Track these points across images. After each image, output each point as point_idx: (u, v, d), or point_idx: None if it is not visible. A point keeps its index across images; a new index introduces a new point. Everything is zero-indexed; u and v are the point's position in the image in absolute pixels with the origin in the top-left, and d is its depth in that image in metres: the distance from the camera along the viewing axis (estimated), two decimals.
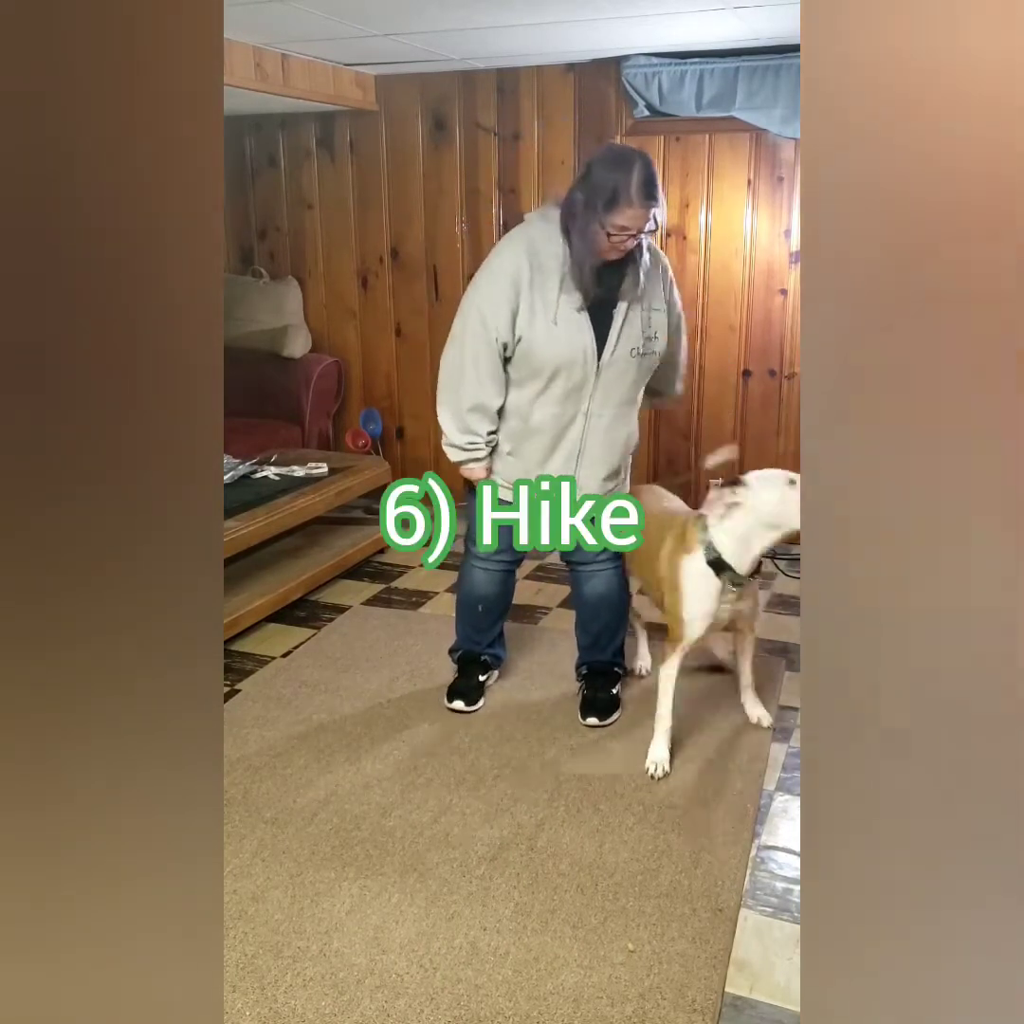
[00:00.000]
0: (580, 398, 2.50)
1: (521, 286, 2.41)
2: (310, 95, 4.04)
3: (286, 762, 2.65)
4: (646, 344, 2.50)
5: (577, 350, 2.43)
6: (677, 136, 4.16)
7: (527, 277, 2.41)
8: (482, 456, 2.60)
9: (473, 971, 1.91)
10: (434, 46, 3.80)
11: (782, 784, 2.56)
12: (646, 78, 3.98)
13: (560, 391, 2.49)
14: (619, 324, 2.44)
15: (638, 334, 2.47)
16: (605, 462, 2.63)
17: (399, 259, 4.73)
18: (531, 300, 2.41)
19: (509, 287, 2.41)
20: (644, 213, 2.28)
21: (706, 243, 4.25)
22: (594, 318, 2.43)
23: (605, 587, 2.81)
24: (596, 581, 2.80)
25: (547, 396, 2.51)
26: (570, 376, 2.46)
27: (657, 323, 2.51)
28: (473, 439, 2.57)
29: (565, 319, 2.41)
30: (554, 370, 2.46)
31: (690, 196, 4.22)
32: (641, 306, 2.46)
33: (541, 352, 2.44)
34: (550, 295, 2.40)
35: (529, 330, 2.42)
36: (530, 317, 2.42)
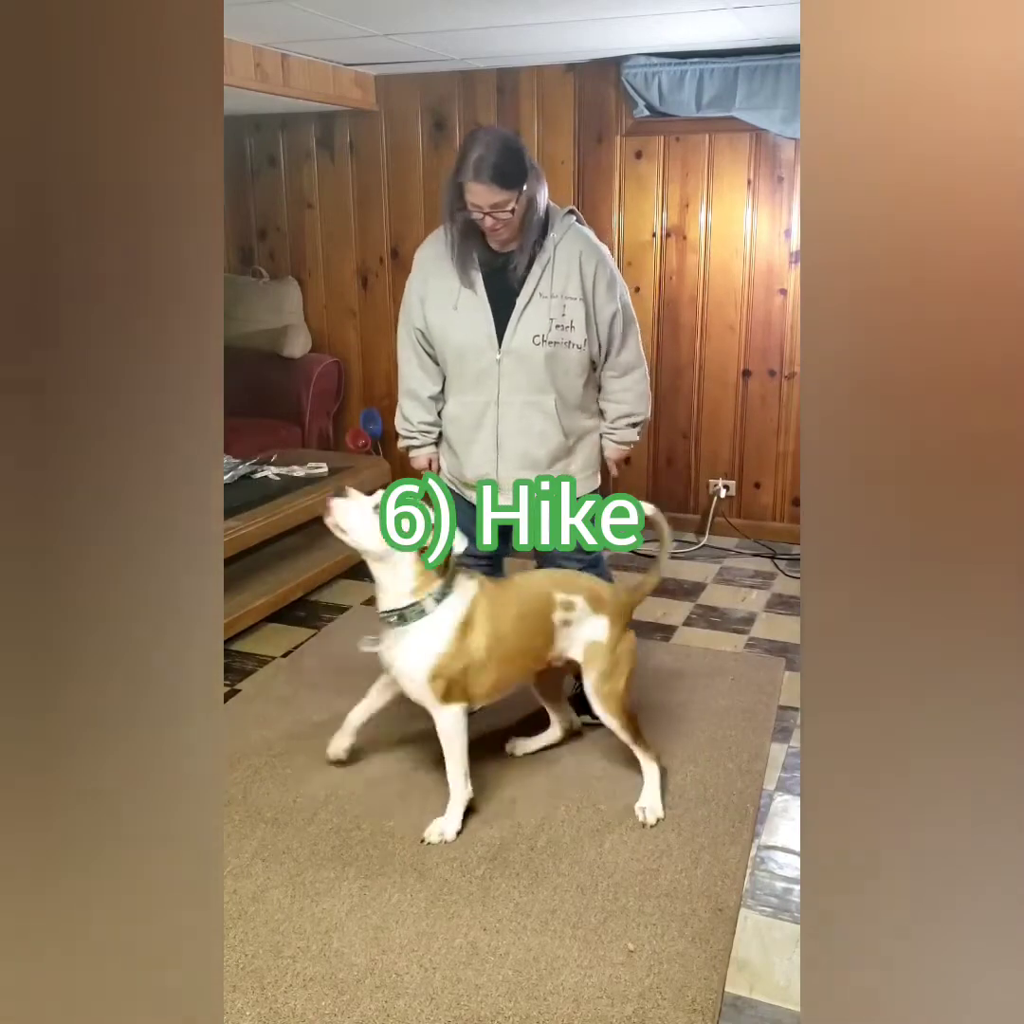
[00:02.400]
0: (488, 386, 2.53)
1: (428, 274, 2.53)
2: (310, 95, 4.04)
3: (286, 762, 2.65)
4: (557, 333, 2.45)
5: (479, 335, 2.48)
6: (677, 136, 4.16)
7: (432, 266, 2.53)
8: (418, 444, 2.68)
9: (473, 971, 1.91)
10: (434, 46, 3.80)
11: (782, 784, 2.56)
12: (646, 78, 3.98)
13: (469, 379, 2.55)
14: (520, 309, 2.45)
15: (544, 322, 2.44)
16: (525, 456, 2.58)
17: (399, 259, 4.73)
18: (435, 287, 2.51)
19: (419, 276, 2.56)
20: (487, 191, 2.28)
21: (706, 243, 4.25)
22: (498, 305, 2.47)
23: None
24: None
25: (459, 384, 2.58)
26: (476, 362, 2.51)
27: (573, 313, 2.45)
28: (407, 425, 2.67)
29: (465, 305, 2.48)
30: (459, 356, 2.53)
31: (690, 196, 4.22)
32: (551, 293, 2.44)
33: (444, 337, 2.53)
34: (452, 283, 2.48)
35: (434, 316, 2.52)
36: (434, 304, 2.52)
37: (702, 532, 4.52)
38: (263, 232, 5.02)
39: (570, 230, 2.47)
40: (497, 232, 2.38)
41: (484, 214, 2.33)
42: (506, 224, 2.36)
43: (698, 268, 4.29)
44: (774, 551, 4.34)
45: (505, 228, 2.37)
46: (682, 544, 4.45)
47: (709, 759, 2.65)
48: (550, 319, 2.45)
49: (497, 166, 2.27)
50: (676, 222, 4.27)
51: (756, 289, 4.23)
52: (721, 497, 4.50)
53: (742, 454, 4.47)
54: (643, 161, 4.24)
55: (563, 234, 2.46)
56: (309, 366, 4.78)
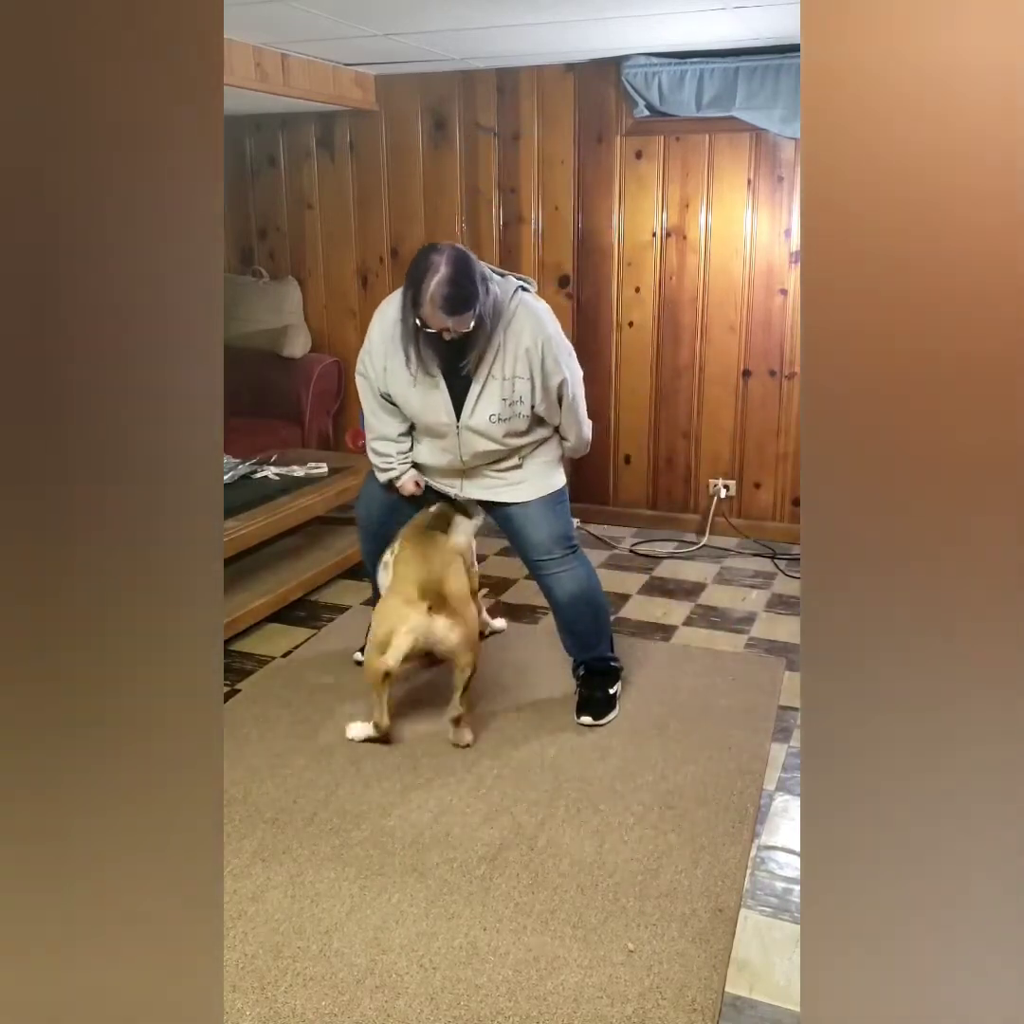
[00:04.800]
0: (450, 449, 2.72)
1: (388, 350, 2.63)
2: (310, 95, 4.04)
3: (286, 762, 2.65)
4: (510, 408, 2.62)
5: (438, 412, 2.64)
6: (677, 136, 4.16)
7: (391, 344, 2.61)
8: (398, 473, 2.82)
9: (473, 971, 1.91)
10: (434, 46, 3.80)
11: (782, 784, 2.56)
12: (646, 78, 3.98)
13: (435, 441, 2.74)
14: (476, 394, 2.60)
15: (497, 401, 2.60)
16: (488, 478, 2.80)
17: (399, 259, 4.72)
18: (394, 364, 2.63)
19: (379, 348, 2.66)
20: (444, 319, 2.41)
21: (706, 243, 4.25)
22: (453, 384, 2.60)
23: (576, 585, 2.81)
24: (565, 581, 2.81)
25: (425, 441, 2.78)
26: (437, 432, 2.70)
27: (521, 390, 2.60)
28: (385, 460, 2.83)
29: (423, 383, 2.62)
30: (421, 422, 2.71)
31: (690, 196, 4.22)
32: (503, 376, 2.58)
33: (406, 405, 2.69)
34: (411, 365, 2.59)
35: (395, 387, 2.67)
36: (393, 377, 2.65)
37: (702, 532, 4.52)
38: (263, 232, 5.02)
39: (518, 312, 2.57)
40: (453, 337, 2.50)
41: (442, 330, 2.46)
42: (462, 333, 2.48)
43: (698, 268, 4.29)
44: (774, 551, 4.34)
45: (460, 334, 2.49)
46: (682, 544, 4.45)
47: (709, 759, 2.65)
48: (503, 399, 2.60)
49: (449, 298, 2.38)
50: (676, 222, 4.27)
51: (756, 289, 4.23)
52: (721, 497, 4.50)
53: (742, 454, 4.47)
54: (643, 161, 4.24)
55: (511, 318, 2.56)
56: (309, 366, 4.78)
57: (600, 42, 3.76)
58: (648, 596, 3.88)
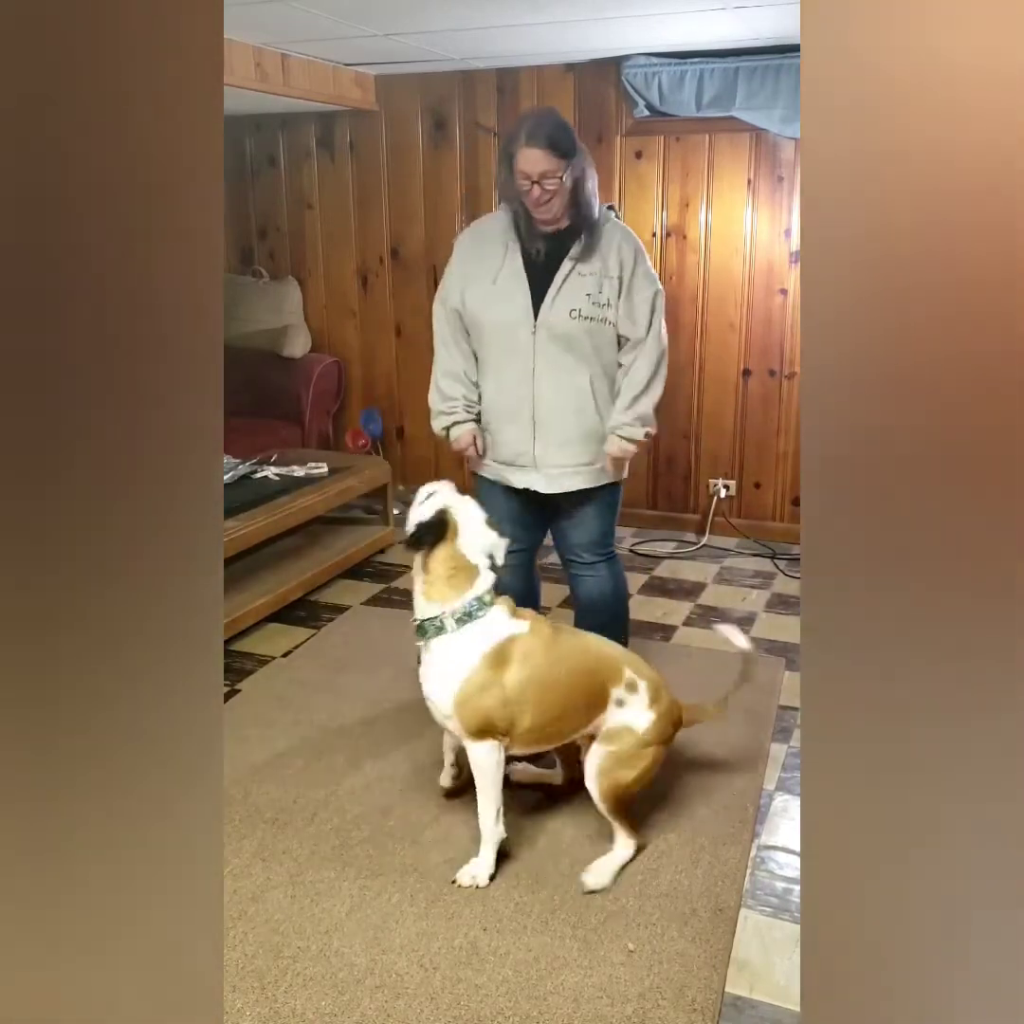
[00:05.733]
0: (524, 362, 2.55)
1: (468, 255, 2.61)
2: (310, 95, 4.04)
3: (286, 762, 2.65)
4: (593, 309, 2.49)
5: (518, 307, 2.51)
6: (677, 136, 4.16)
7: (472, 247, 2.61)
8: (462, 419, 2.65)
9: (473, 971, 1.91)
10: (434, 46, 3.80)
11: (782, 784, 2.56)
12: (646, 78, 3.98)
13: (505, 356, 2.57)
14: (559, 282, 2.49)
15: (582, 296, 2.48)
16: (562, 433, 2.59)
17: (399, 259, 4.73)
18: (475, 266, 2.57)
19: (458, 259, 2.63)
20: (539, 156, 2.35)
21: (706, 243, 4.25)
22: (536, 280, 2.51)
23: (597, 591, 2.80)
24: (589, 584, 2.80)
25: (495, 364, 2.60)
26: (512, 337, 2.54)
27: (609, 291, 2.49)
28: (448, 402, 2.65)
29: (505, 278, 2.53)
30: (495, 332, 2.56)
31: (690, 196, 4.22)
32: (590, 269, 2.49)
33: (481, 313, 2.55)
34: (492, 261, 2.54)
35: (473, 293, 2.56)
36: (473, 280, 2.56)
37: (702, 532, 4.52)
38: (263, 232, 5.02)
39: (611, 221, 2.56)
40: (543, 206, 2.41)
41: (532, 183, 2.37)
42: (553, 196, 2.39)
43: (698, 268, 4.29)
44: (774, 551, 4.34)
45: (551, 203, 2.40)
46: (682, 544, 4.45)
47: (709, 758, 2.65)
48: (587, 295, 2.49)
49: (550, 135, 2.36)
50: (676, 222, 4.27)
51: (756, 289, 4.23)
52: (721, 497, 4.50)
53: (742, 454, 4.47)
54: (643, 161, 4.24)
55: (604, 222, 2.53)
56: (309, 366, 4.78)
57: (600, 42, 3.76)
58: (648, 596, 3.88)
